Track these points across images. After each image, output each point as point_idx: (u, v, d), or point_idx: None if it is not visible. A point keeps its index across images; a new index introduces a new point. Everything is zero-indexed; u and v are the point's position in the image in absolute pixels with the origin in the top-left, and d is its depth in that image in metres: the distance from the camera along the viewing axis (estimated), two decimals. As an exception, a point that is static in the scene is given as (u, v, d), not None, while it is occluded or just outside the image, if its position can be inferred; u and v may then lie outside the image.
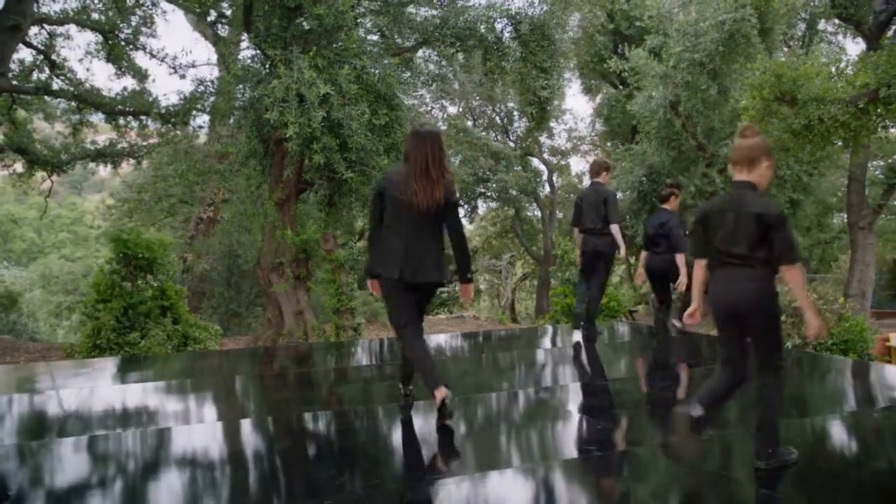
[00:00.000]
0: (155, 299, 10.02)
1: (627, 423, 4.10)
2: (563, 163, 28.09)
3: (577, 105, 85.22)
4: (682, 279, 6.71)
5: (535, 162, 26.23)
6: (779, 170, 13.69)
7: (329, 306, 9.43)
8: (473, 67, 10.44)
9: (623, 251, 6.82)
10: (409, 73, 9.80)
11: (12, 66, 14.27)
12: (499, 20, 9.38)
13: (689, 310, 3.31)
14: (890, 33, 15.84)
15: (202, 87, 11.23)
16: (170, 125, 12.41)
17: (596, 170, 7.10)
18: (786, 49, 16.26)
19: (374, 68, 8.04)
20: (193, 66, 13.60)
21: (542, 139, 26.10)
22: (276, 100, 7.12)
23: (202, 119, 13.21)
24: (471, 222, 27.02)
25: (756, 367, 3.01)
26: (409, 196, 3.73)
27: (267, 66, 8.34)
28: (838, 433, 3.77)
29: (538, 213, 26.10)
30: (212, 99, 10.91)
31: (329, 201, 9.87)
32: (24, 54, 14.60)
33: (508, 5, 9.83)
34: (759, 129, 3.20)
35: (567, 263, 13.75)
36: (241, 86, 9.10)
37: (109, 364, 6.65)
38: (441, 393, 3.66)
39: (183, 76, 13.63)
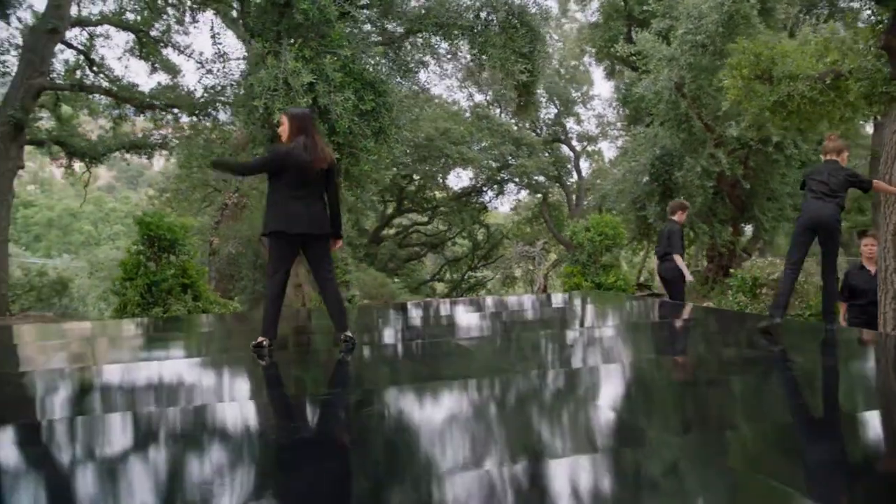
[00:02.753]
0: (176, 277, 10.86)
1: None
2: (591, 148, 28.17)
3: (605, 90, 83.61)
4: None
5: (564, 148, 26.42)
6: (784, 149, 13.69)
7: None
8: (455, 55, 10.89)
9: (688, 276, 8.22)
10: (407, 59, 10.26)
11: (58, 66, 15.48)
12: (483, 9, 9.78)
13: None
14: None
15: (225, 81, 11.98)
16: (195, 117, 13.26)
17: (671, 210, 8.59)
18: (803, 27, 16.11)
19: (361, 57, 8.58)
20: (222, 60, 14.43)
21: (570, 125, 26.23)
22: (264, 89, 7.76)
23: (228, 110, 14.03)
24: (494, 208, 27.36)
25: (823, 262, 5.31)
26: (310, 160, 4.35)
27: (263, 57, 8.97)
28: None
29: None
30: (229, 90, 11.64)
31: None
32: (67, 55, 15.80)
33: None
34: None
35: (576, 244, 14.06)
36: (250, 76, 9.77)
37: (116, 325, 7.42)
38: (259, 339, 4.55)
39: (210, 71, 14.51)
